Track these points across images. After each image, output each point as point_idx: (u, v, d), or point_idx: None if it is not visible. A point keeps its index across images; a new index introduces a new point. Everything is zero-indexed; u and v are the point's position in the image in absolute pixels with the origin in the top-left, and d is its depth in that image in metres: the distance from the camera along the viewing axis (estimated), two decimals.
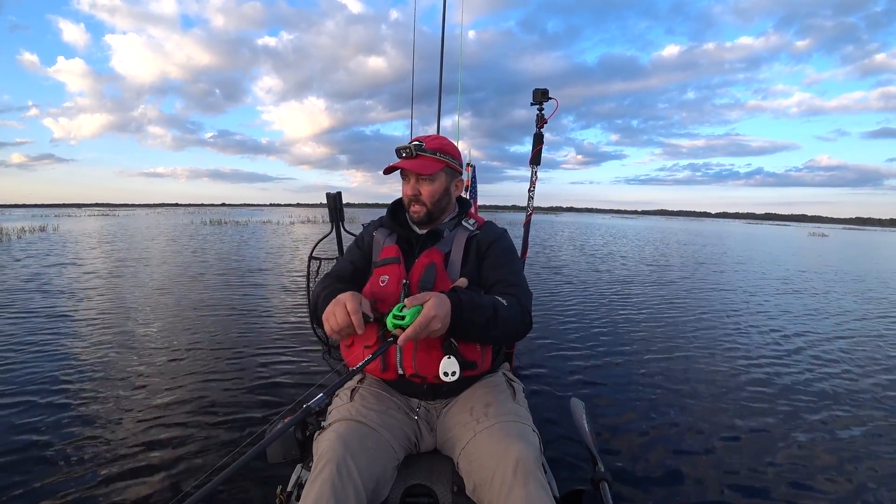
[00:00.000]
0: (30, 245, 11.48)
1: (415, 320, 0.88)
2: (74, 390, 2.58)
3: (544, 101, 1.84)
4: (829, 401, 2.69)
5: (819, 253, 14.78)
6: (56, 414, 2.29)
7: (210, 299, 5.13)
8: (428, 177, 1.20)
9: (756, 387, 2.86)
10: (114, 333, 3.73)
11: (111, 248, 11.14)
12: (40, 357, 3.13)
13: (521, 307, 1.09)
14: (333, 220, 1.86)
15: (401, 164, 1.19)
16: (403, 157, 1.20)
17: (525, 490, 0.85)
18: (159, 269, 7.54)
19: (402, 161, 1.19)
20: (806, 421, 2.42)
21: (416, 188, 1.20)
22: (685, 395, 2.72)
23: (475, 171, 2.58)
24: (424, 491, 1.00)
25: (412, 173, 1.20)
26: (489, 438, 0.95)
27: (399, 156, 1.20)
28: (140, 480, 1.78)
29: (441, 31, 2.58)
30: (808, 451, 2.12)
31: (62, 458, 1.91)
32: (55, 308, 4.58)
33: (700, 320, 4.63)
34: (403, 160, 1.19)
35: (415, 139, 1.22)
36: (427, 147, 1.19)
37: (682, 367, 3.21)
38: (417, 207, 1.22)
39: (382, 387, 1.15)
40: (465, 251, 1.19)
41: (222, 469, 0.62)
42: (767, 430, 2.30)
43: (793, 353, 3.60)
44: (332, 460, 0.87)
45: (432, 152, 1.19)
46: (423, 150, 1.18)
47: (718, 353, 3.55)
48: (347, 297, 0.96)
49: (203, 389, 2.63)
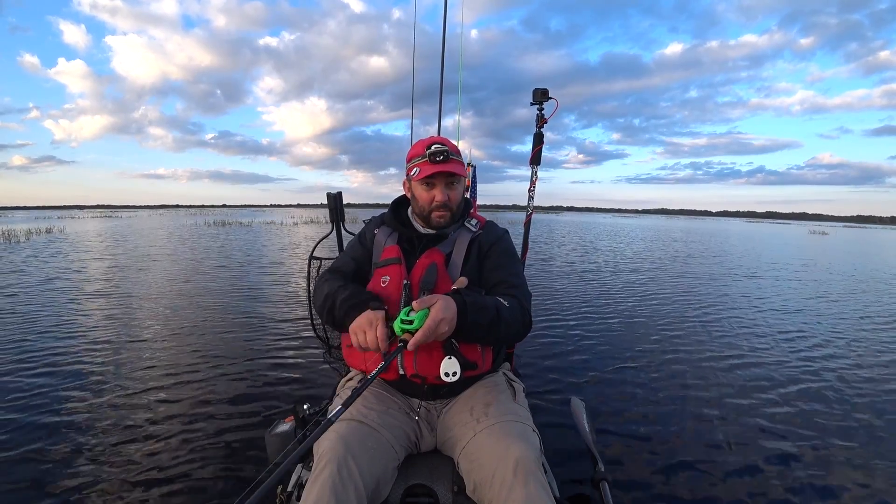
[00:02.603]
0: (46, 246, 11.51)
1: (423, 324, 0.89)
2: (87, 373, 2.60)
3: (544, 101, 1.84)
4: (831, 400, 2.68)
5: (824, 250, 14.75)
6: (58, 412, 2.31)
7: (215, 297, 5.14)
8: (458, 179, 1.20)
9: (757, 387, 2.86)
10: (141, 327, 3.75)
11: (121, 248, 11.15)
12: (41, 356, 3.15)
13: (522, 308, 1.10)
14: (334, 220, 1.87)
15: (440, 167, 1.13)
16: (439, 161, 1.14)
17: (525, 490, 0.85)
18: (172, 267, 7.56)
19: (440, 164, 1.14)
20: (808, 421, 2.42)
21: (446, 193, 1.18)
22: (686, 394, 2.72)
23: (475, 172, 2.58)
24: (425, 491, 1.00)
25: (443, 178, 1.17)
26: (489, 438, 0.95)
27: (433, 161, 1.14)
28: (140, 481, 1.78)
29: (442, 30, 2.58)
30: (810, 451, 2.12)
31: (62, 458, 1.92)
32: (64, 307, 4.60)
33: (701, 320, 4.62)
34: (440, 164, 1.14)
35: (430, 141, 1.18)
36: (451, 150, 1.17)
37: (683, 366, 3.21)
38: (444, 213, 1.19)
39: (383, 387, 1.15)
40: (466, 252, 1.19)
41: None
42: (769, 431, 2.30)
43: (794, 352, 3.59)
44: (332, 460, 0.88)
45: (456, 155, 1.19)
46: (451, 154, 1.16)
47: (720, 352, 3.55)
48: (379, 321, 0.96)
49: (203, 389, 2.63)
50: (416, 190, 1.22)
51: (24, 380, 2.75)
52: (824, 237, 26.59)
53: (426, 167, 1.15)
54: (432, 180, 1.18)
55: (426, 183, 1.18)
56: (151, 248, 11.46)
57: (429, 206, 1.19)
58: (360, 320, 0.98)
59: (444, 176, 1.17)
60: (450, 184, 1.19)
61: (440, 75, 2.58)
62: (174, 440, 2.08)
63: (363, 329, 0.96)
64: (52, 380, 2.75)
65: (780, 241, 20.60)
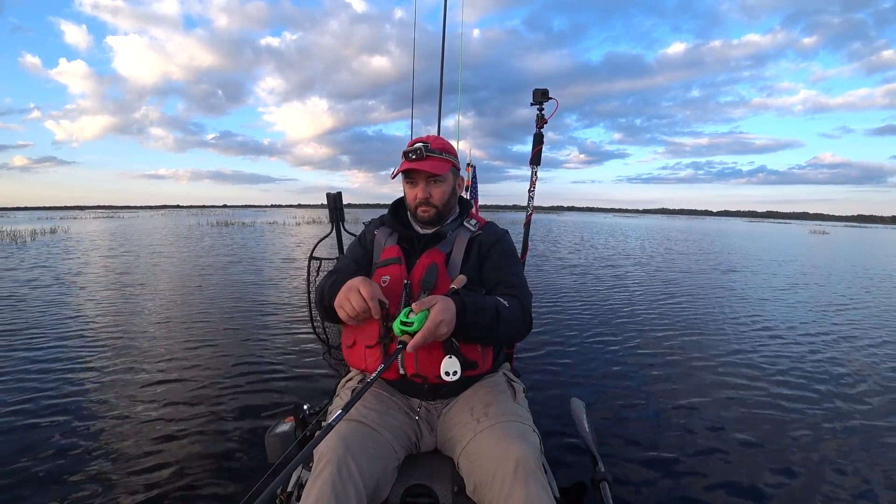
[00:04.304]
0: (55, 244, 11.53)
1: (423, 326, 0.89)
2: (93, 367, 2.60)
3: (544, 102, 1.84)
4: (832, 400, 2.68)
5: (826, 249, 14.73)
6: (59, 409, 2.32)
7: (216, 297, 5.15)
8: (439, 177, 1.20)
9: (759, 387, 2.85)
10: (148, 324, 3.76)
11: (126, 247, 11.17)
12: (45, 358, 3.15)
13: (522, 308, 1.10)
14: (333, 221, 1.87)
15: (414, 165, 1.15)
16: (413, 159, 1.16)
17: (525, 490, 0.85)
18: (174, 267, 7.57)
19: (415, 162, 1.15)
20: (809, 421, 2.42)
21: (426, 190, 1.19)
22: (686, 394, 2.71)
23: (475, 172, 2.58)
24: (425, 491, 1.00)
25: (422, 175, 1.19)
26: (490, 438, 0.95)
27: (408, 158, 1.16)
28: (140, 480, 1.78)
29: (442, 30, 2.58)
30: (811, 451, 2.12)
31: (59, 458, 1.92)
32: (64, 306, 4.61)
33: (702, 319, 4.62)
34: (414, 161, 1.16)
35: (417, 140, 1.20)
36: (433, 147, 1.18)
37: (684, 366, 3.21)
38: (427, 209, 1.21)
39: (383, 387, 1.15)
40: (466, 252, 1.19)
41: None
42: (770, 431, 2.30)
43: (796, 352, 3.59)
44: (332, 460, 0.88)
45: (439, 153, 1.19)
46: (430, 150, 1.17)
47: (720, 352, 3.54)
48: (360, 283, 0.97)
49: (203, 389, 2.63)
50: (404, 188, 1.26)
51: (25, 376, 2.76)
52: (824, 236, 26.61)
53: (402, 164, 1.18)
54: (413, 178, 1.21)
55: (409, 181, 1.22)
56: (158, 247, 11.49)
57: (413, 202, 1.22)
58: (341, 292, 0.98)
59: (424, 173, 1.18)
60: (431, 181, 1.20)
61: (440, 75, 2.58)
62: (173, 440, 2.08)
63: (346, 297, 0.96)
64: (52, 377, 2.76)
65: (781, 240, 20.57)
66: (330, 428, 0.75)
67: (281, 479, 0.62)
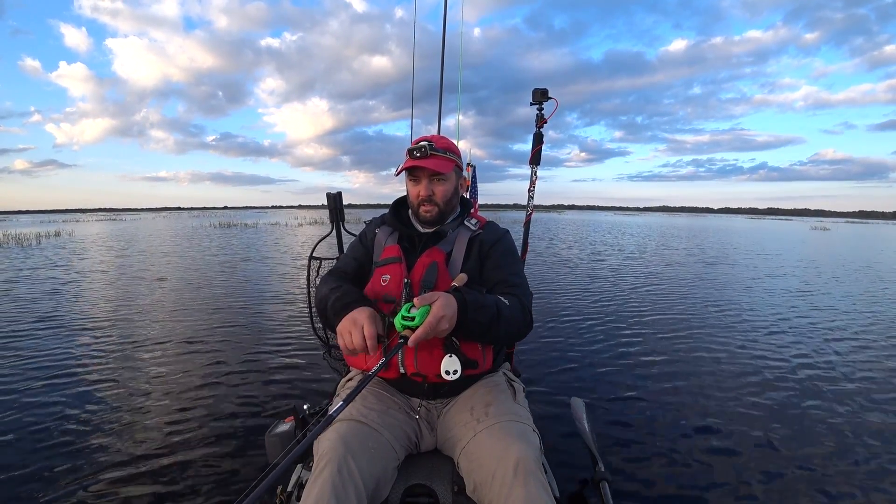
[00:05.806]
0: (61, 247, 11.55)
1: (424, 321, 0.89)
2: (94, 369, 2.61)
3: (544, 101, 1.84)
4: (839, 400, 2.67)
5: (827, 245, 14.70)
6: (61, 407, 2.32)
7: (217, 296, 5.16)
8: (443, 176, 1.20)
9: (759, 387, 2.85)
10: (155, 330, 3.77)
11: (131, 249, 11.19)
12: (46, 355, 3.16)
13: (523, 307, 1.10)
14: (333, 221, 1.87)
15: (418, 162, 1.16)
16: (417, 157, 1.17)
17: (525, 490, 0.85)
18: (176, 267, 7.58)
19: (419, 160, 1.17)
20: (810, 420, 2.41)
21: (429, 188, 1.20)
22: (687, 394, 2.71)
23: (476, 171, 2.58)
24: (425, 491, 1.00)
25: (426, 173, 1.19)
26: (490, 438, 0.95)
27: (412, 156, 1.17)
28: (139, 480, 1.78)
29: (442, 29, 2.58)
30: (812, 452, 2.11)
31: (60, 455, 1.93)
32: (62, 308, 4.62)
33: (702, 319, 4.61)
34: (419, 159, 1.17)
35: (421, 139, 1.21)
36: (438, 146, 1.19)
37: (685, 365, 3.20)
38: (429, 207, 1.21)
39: (383, 386, 1.15)
40: (466, 251, 1.19)
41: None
42: (770, 431, 2.29)
43: (796, 352, 3.58)
44: (332, 460, 0.87)
45: (443, 151, 1.19)
46: (434, 149, 1.18)
47: (721, 352, 3.54)
48: (365, 320, 0.95)
49: (203, 389, 2.64)
50: (407, 186, 1.26)
51: (24, 373, 2.77)
52: (826, 232, 26.56)
53: (406, 162, 1.19)
54: (416, 175, 1.21)
55: (413, 178, 1.22)
56: (162, 248, 11.50)
57: (416, 200, 1.23)
58: (345, 322, 0.97)
59: (428, 171, 1.18)
60: (435, 179, 1.20)
61: (440, 74, 2.58)
62: (173, 440, 2.08)
63: (348, 330, 0.96)
64: (52, 375, 2.76)
65: (782, 237, 20.51)
66: (331, 419, 0.75)
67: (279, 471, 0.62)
